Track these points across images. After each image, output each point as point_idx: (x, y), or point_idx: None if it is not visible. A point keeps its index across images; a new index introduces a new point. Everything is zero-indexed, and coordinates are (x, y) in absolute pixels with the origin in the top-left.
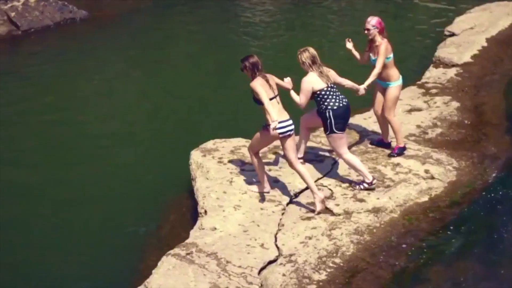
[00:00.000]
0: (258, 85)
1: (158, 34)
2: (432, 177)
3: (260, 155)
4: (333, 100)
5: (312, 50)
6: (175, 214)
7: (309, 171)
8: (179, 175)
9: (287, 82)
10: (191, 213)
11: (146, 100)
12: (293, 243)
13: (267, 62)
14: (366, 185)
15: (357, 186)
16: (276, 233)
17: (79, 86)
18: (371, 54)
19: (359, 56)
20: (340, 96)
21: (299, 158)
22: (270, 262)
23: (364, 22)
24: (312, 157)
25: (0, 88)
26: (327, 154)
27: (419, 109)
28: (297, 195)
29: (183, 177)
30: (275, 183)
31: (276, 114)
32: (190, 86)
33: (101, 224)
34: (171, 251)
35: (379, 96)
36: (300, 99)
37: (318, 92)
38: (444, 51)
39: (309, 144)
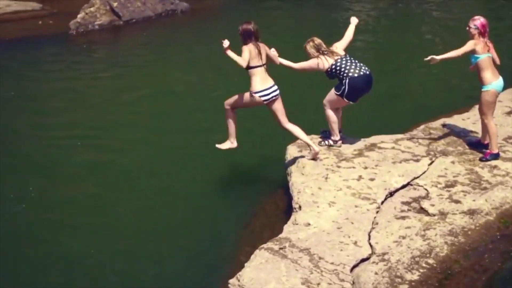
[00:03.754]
0: (246, 49)
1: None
2: None
3: (356, 152)
4: (348, 68)
5: (316, 39)
6: (269, 208)
7: (405, 171)
8: (274, 169)
9: (274, 53)
10: (285, 208)
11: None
12: (387, 242)
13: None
14: (331, 142)
15: (323, 142)
16: (370, 231)
17: (177, 77)
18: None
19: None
20: (359, 64)
21: None
22: (363, 260)
23: (469, 19)
24: (408, 156)
25: (100, 76)
26: (424, 154)
27: None
28: (392, 193)
29: (278, 171)
30: (371, 181)
31: (260, 81)
32: (288, 81)
33: (196, 215)
34: (264, 245)
35: None
36: (297, 64)
37: (330, 69)
38: None
39: (406, 143)
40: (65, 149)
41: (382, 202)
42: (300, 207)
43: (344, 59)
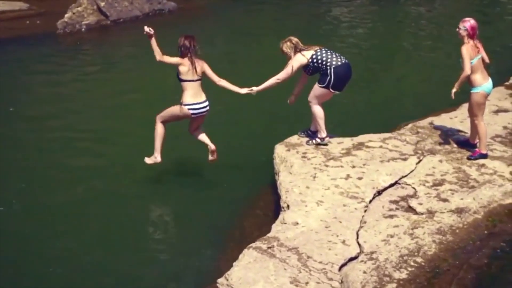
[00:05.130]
0: (177, 59)
1: (244, 26)
2: None
3: (344, 151)
4: (330, 57)
5: (293, 39)
6: (257, 208)
7: (393, 170)
8: (262, 169)
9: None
10: (273, 207)
11: (233, 92)
12: (375, 241)
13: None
14: (318, 140)
15: (310, 141)
16: (358, 230)
17: (165, 77)
18: None
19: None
20: (337, 54)
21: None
22: (351, 259)
23: (455, 15)
24: (396, 155)
25: (88, 76)
26: (411, 152)
27: (506, 110)
28: (380, 192)
29: (266, 171)
30: (359, 180)
31: (191, 95)
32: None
33: (184, 214)
34: (253, 244)
35: None
36: (280, 74)
37: (311, 60)
38: None
39: (394, 142)
40: (52, 151)
41: (370, 201)
42: (288, 206)
43: (323, 50)
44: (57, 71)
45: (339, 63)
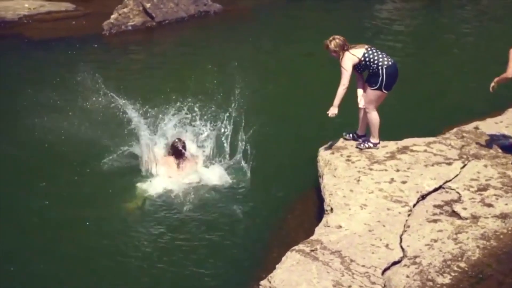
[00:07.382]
0: (160, 161)
1: (289, 30)
2: None
3: (388, 155)
4: (380, 57)
5: (340, 37)
6: (301, 210)
7: (437, 174)
8: (306, 171)
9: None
10: (316, 210)
11: (278, 94)
12: (418, 245)
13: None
14: (371, 145)
15: (363, 144)
16: (402, 234)
17: (209, 79)
18: None
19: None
20: (384, 54)
21: None
22: (394, 263)
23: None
24: (441, 159)
25: (133, 77)
26: (456, 157)
27: None
28: (424, 196)
29: (310, 173)
30: (403, 184)
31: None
32: (323, 82)
33: (227, 216)
34: (296, 247)
35: None
36: (342, 80)
37: (363, 59)
38: None
39: (438, 146)
40: (92, 157)
41: (414, 205)
42: (331, 209)
43: (373, 49)
44: (102, 74)
45: (390, 63)
